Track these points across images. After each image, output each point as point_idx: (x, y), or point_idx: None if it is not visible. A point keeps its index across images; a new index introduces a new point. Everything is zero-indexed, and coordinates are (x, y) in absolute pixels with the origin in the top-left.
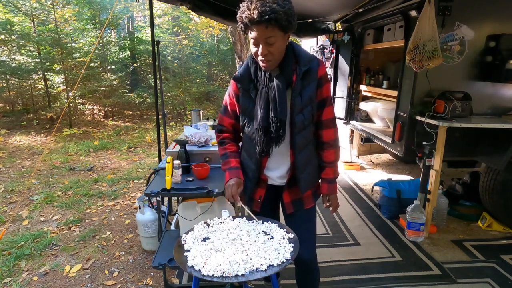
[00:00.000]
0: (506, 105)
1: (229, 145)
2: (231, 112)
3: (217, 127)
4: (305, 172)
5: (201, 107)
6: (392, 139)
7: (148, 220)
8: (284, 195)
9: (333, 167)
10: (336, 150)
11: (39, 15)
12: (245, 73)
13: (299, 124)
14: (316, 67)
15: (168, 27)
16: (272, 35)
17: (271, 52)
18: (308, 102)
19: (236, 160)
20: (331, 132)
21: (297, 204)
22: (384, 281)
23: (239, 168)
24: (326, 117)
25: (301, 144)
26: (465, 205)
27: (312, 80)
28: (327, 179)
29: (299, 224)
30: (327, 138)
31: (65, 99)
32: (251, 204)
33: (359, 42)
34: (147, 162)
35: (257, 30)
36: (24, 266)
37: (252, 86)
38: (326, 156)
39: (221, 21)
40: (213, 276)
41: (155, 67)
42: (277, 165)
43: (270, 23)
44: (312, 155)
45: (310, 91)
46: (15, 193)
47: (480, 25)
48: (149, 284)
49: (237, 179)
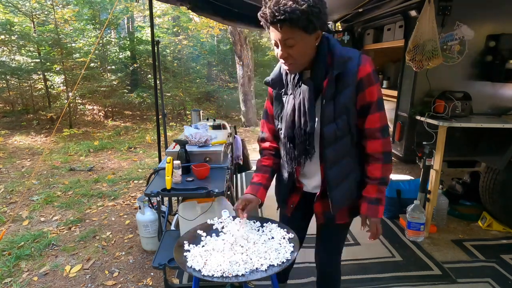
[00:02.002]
0: (506, 105)
1: (264, 158)
2: (270, 117)
3: (259, 134)
4: (338, 188)
5: (201, 107)
6: (392, 139)
7: (148, 220)
8: (316, 206)
9: (378, 185)
10: (383, 166)
11: (39, 15)
12: (277, 76)
13: (330, 136)
14: (355, 68)
15: (168, 27)
16: (289, 36)
17: (291, 55)
18: (343, 111)
19: (262, 175)
20: (378, 144)
21: (328, 217)
22: (384, 281)
23: (261, 184)
24: (371, 125)
25: (333, 158)
26: (465, 205)
27: (349, 84)
28: (367, 198)
29: (326, 237)
30: (371, 150)
31: (65, 99)
32: (284, 208)
33: (359, 42)
34: (147, 162)
35: (273, 31)
36: (24, 267)
37: (284, 90)
38: (370, 171)
39: (221, 21)
40: (213, 276)
41: (155, 67)
42: (310, 175)
43: (284, 24)
44: (349, 170)
45: (346, 98)
46: (15, 194)
47: (480, 25)
48: (149, 284)
49: (250, 195)
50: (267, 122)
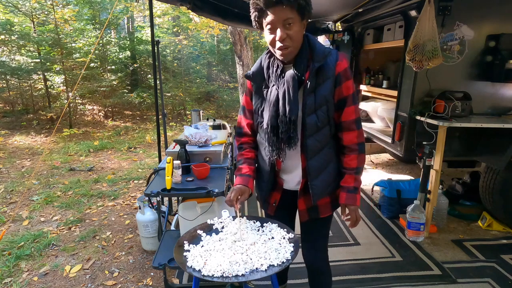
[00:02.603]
0: (506, 105)
1: (246, 151)
2: (248, 112)
3: (236, 129)
4: (319, 179)
5: (201, 107)
6: (392, 139)
7: (148, 220)
8: (299, 202)
9: (354, 174)
10: (359, 156)
11: (39, 15)
12: (258, 70)
13: (311, 126)
14: (333, 62)
15: (168, 27)
16: (290, 16)
17: (290, 36)
18: (323, 102)
19: (249, 167)
20: (353, 136)
21: (312, 213)
22: (384, 281)
23: (250, 176)
24: (347, 118)
25: (314, 148)
26: (465, 205)
27: (328, 78)
28: (346, 188)
29: (313, 233)
30: (348, 142)
31: (65, 99)
32: (266, 207)
33: (359, 42)
34: (147, 162)
35: (274, 11)
36: (24, 267)
37: (264, 84)
38: (347, 162)
39: (221, 21)
40: (213, 276)
41: (155, 67)
42: (291, 169)
43: (289, 2)
44: (329, 160)
45: (326, 90)
46: (15, 194)
47: (480, 25)
48: (149, 284)
49: (242, 186)
50: (245, 117)
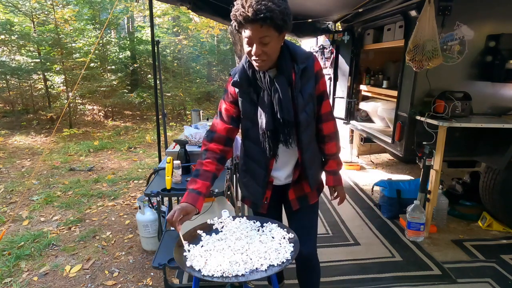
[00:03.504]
0: (506, 105)
1: (207, 162)
2: (226, 117)
3: (207, 133)
4: (312, 168)
5: (201, 107)
6: (392, 139)
7: (148, 220)
8: (290, 193)
9: (336, 159)
10: (337, 142)
11: (39, 15)
12: (243, 76)
13: (304, 122)
14: (312, 63)
15: (168, 27)
16: (267, 34)
17: (265, 52)
18: (310, 99)
19: (203, 182)
20: (331, 125)
21: (302, 201)
22: (384, 281)
23: (200, 193)
24: (325, 110)
25: (307, 141)
26: (465, 205)
27: (310, 77)
28: (331, 171)
29: (302, 219)
30: (327, 131)
31: (65, 99)
32: (258, 207)
33: (359, 42)
34: (147, 162)
35: (251, 29)
36: (24, 266)
37: (252, 89)
38: (328, 149)
39: (221, 21)
40: (213, 276)
41: (155, 67)
42: (283, 165)
43: (266, 22)
44: (317, 151)
45: (310, 88)
46: (15, 194)
47: (480, 25)
48: (149, 284)
49: (188, 205)
50: (223, 122)
